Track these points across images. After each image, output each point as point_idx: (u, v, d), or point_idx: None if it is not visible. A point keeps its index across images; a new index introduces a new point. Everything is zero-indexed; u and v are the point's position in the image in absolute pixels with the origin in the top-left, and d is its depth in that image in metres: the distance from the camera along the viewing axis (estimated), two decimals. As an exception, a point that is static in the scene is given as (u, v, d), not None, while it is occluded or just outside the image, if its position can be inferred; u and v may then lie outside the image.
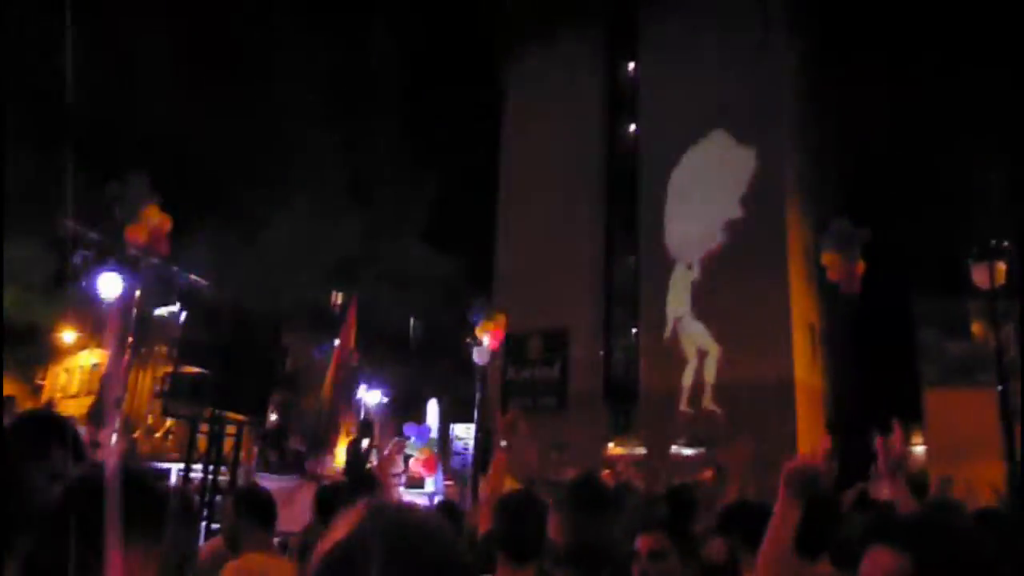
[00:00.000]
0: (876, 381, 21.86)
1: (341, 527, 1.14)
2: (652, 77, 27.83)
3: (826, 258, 12.74)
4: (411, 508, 1.24)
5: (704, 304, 24.72)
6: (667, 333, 25.21)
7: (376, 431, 16.68)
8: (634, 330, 26.66)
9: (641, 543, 3.00)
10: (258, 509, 4.12)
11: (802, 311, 24.01)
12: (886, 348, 21.77)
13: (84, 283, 12.93)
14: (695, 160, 26.10)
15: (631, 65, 29.10)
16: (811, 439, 22.52)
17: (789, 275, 23.68)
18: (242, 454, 9.70)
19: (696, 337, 24.64)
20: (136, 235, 10.03)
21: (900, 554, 1.46)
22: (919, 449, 22.20)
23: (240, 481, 9.29)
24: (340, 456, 13.24)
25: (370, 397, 18.08)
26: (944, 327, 20.17)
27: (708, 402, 23.80)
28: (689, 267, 25.41)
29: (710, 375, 24.20)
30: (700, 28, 25.79)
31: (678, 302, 25.32)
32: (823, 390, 24.74)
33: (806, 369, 23.82)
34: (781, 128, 24.77)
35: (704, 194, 25.36)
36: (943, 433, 18.52)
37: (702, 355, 24.51)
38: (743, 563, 3.45)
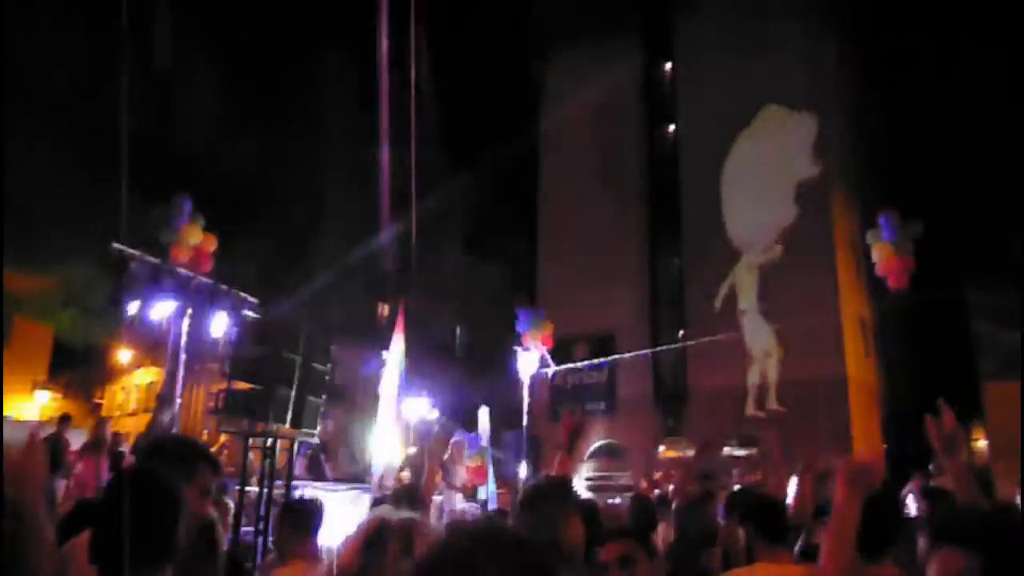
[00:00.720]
0: (931, 376, 21.40)
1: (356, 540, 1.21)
2: (690, 75, 27.67)
3: (876, 252, 12.54)
4: (495, 520, 1.29)
5: (761, 303, 24.50)
6: (727, 332, 24.92)
7: (427, 440, 16.78)
8: (680, 331, 26.46)
9: (607, 552, 2.98)
10: (299, 519, 4.26)
11: (852, 306, 23.62)
12: (940, 341, 21.34)
13: (138, 304, 13.22)
14: (747, 149, 25.84)
15: (668, 65, 28.96)
16: (865, 437, 22.14)
17: (838, 269, 23.34)
18: (295, 468, 9.85)
19: (761, 336, 24.36)
20: (180, 254, 10.25)
21: (970, 555, 1.46)
22: (981, 444, 21.65)
23: (294, 494, 9.44)
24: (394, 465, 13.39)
25: (418, 407, 18.20)
26: (1000, 318, 19.68)
27: (773, 402, 23.50)
28: (753, 263, 25.14)
29: (772, 375, 23.91)
30: (736, 23, 25.59)
31: (746, 299, 25.04)
32: (877, 386, 24.28)
33: (859, 365, 23.41)
34: (823, 120, 24.43)
35: (758, 189, 25.13)
36: (1005, 427, 18.05)
37: (763, 355, 24.24)
38: (757, 551, 3.48)
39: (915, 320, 20.10)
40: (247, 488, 9.08)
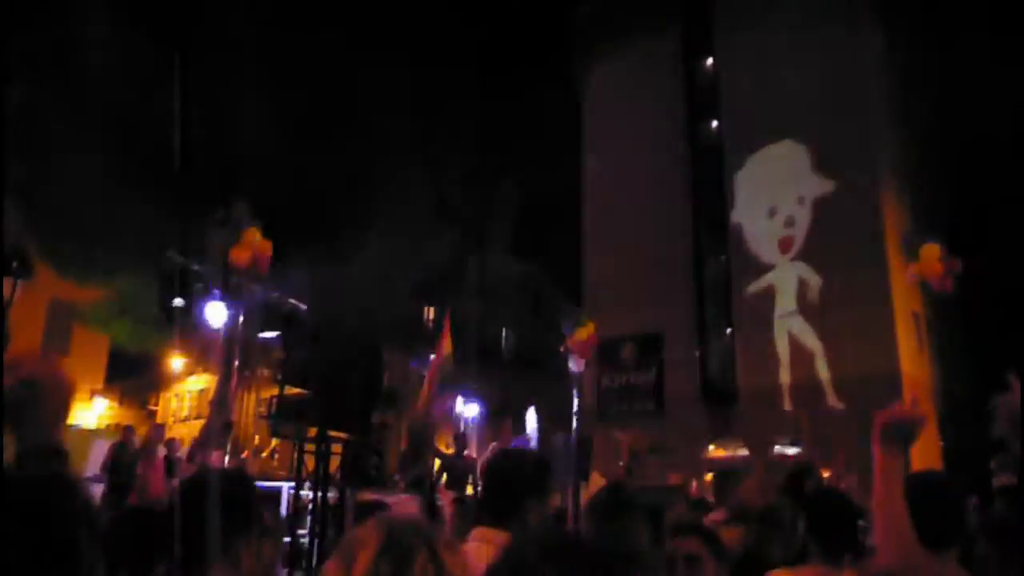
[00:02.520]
0: (987, 370, 20.81)
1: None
2: (731, 70, 27.39)
3: (923, 255, 12.24)
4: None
5: (805, 299, 24.19)
6: (772, 331, 24.64)
7: (473, 444, 16.84)
8: (728, 329, 26.18)
9: (674, 546, 2.91)
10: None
11: (904, 299, 23.13)
12: (997, 335, 20.80)
13: (191, 313, 13.47)
14: (773, 153, 25.69)
15: (709, 60, 28.70)
16: (923, 436, 21.66)
17: (888, 263, 22.89)
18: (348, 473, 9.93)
19: (803, 335, 24.04)
20: (239, 257, 10.38)
21: None
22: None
23: (347, 498, 9.52)
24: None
25: (467, 410, 18.32)
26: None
27: (832, 400, 23.12)
28: (791, 259, 24.87)
29: (823, 372, 23.53)
30: (778, 16, 25.27)
31: (786, 301, 24.74)
32: (932, 382, 23.74)
33: (912, 361, 22.92)
34: (870, 114, 23.99)
35: (790, 185, 24.89)
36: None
37: (809, 354, 23.88)
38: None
39: (970, 313, 19.63)
40: (300, 492, 9.20)
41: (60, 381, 1.90)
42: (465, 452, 13.18)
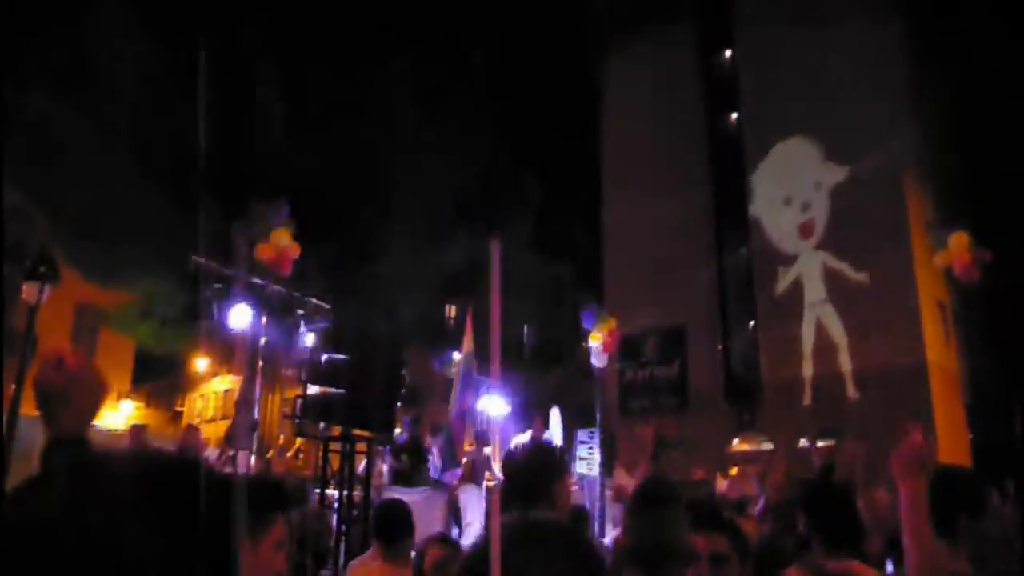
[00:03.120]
0: (1016, 361, 20.60)
1: None
2: (750, 61, 27.21)
3: (951, 244, 12.14)
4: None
5: (830, 289, 24.02)
6: (802, 323, 24.46)
7: (497, 440, 16.85)
8: (751, 323, 26.03)
9: (699, 544, 2.90)
10: (382, 522, 4.44)
11: (929, 288, 22.90)
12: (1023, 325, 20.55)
13: (216, 315, 13.58)
14: (791, 144, 25.53)
15: (727, 51, 28.52)
16: (950, 426, 21.44)
17: (912, 251, 22.66)
18: (374, 470, 10.00)
19: (831, 325, 23.86)
20: (265, 253, 10.45)
21: None
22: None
23: (373, 496, 9.59)
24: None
25: (492, 407, 18.31)
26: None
27: (851, 391, 22.95)
28: (816, 248, 24.73)
29: (846, 364, 23.35)
30: (797, 5, 25.03)
31: (814, 290, 24.57)
32: (959, 372, 23.50)
33: (939, 351, 22.70)
34: (891, 101, 23.72)
35: (807, 174, 24.75)
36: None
37: (833, 345, 23.69)
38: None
39: (998, 303, 19.37)
40: (326, 491, 9.28)
41: (95, 376, 1.94)
42: (487, 449, 13.22)
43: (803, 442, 21.80)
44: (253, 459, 12.40)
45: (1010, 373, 21.45)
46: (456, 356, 12.62)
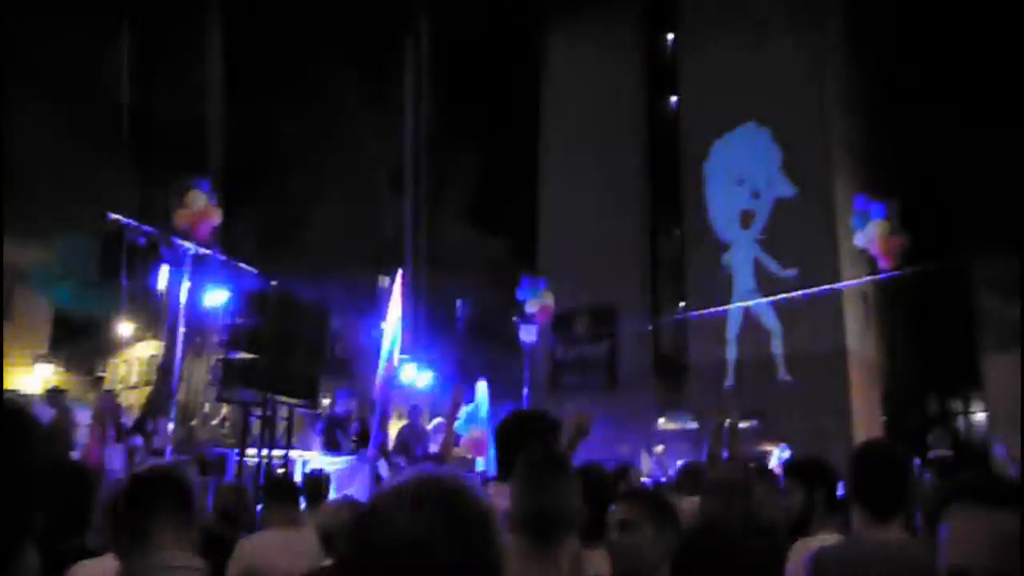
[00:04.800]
0: (932, 349, 21.44)
1: None
2: (691, 47, 27.38)
3: (867, 232, 12.49)
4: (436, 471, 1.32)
5: (760, 277, 24.43)
6: (729, 308, 24.82)
7: (426, 412, 16.83)
8: (681, 304, 26.41)
9: (614, 512, 2.94)
10: (280, 490, 4.50)
11: (853, 277, 23.53)
12: (943, 315, 21.32)
13: (138, 277, 13.21)
14: (732, 140, 25.80)
15: (670, 36, 28.66)
16: (866, 410, 22.16)
17: (837, 241, 23.22)
18: (295, 438, 9.87)
19: (760, 314, 24.28)
20: (184, 220, 10.22)
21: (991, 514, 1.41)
22: (980, 416, 21.68)
23: (295, 463, 9.46)
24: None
25: (420, 380, 18.28)
26: (1004, 291, 19.62)
27: (778, 375, 23.44)
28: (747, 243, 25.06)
29: (771, 349, 23.82)
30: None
31: (745, 278, 24.92)
32: (878, 361, 24.26)
33: (858, 338, 23.37)
34: (825, 93, 24.18)
35: (745, 168, 25.09)
36: (1004, 399, 18.06)
37: (762, 331, 24.13)
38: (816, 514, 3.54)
39: (917, 293, 20.03)
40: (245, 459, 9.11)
41: None
42: (417, 420, 13.18)
43: (728, 422, 22.28)
44: (171, 427, 12.14)
45: (923, 362, 22.28)
46: (384, 324, 12.48)
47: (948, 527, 1.46)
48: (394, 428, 13.27)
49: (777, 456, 13.15)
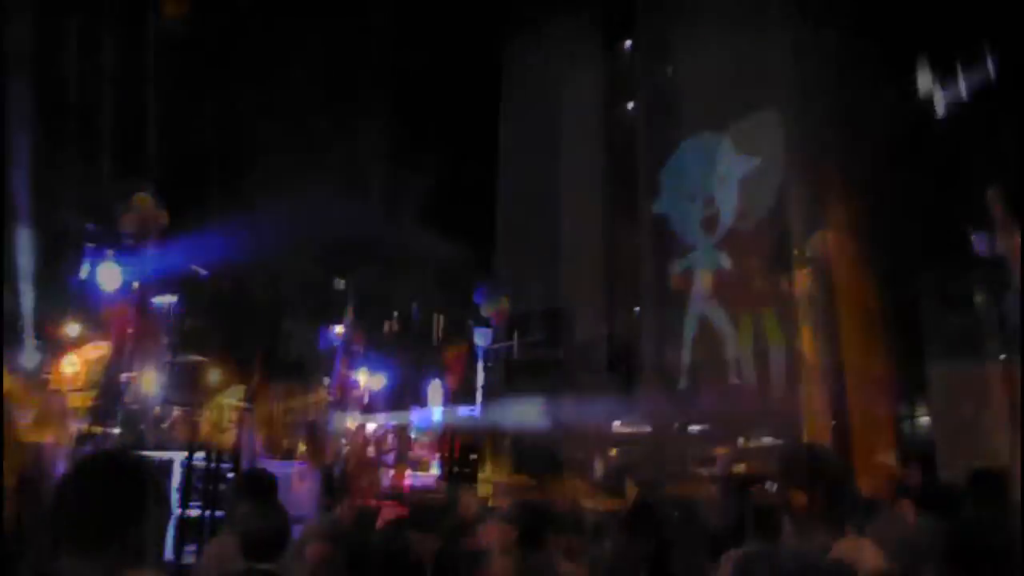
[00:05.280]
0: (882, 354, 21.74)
1: None
2: (650, 53, 27.58)
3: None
4: None
5: (717, 282, 24.64)
6: (686, 312, 24.95)
7: (381, 416, 16.78)
8: (636, 308, 26.57)
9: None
10: (251, 489, 4.31)
11: (803, 283, 23.88)
12: (889, 323, 21.69)
13: (85, 276, 12.97)
14: (696, 138, 25.98)
15: (628, 42, 28.85)
16: (817, 419, 22.49)
17: (792, 247, 23.54)
18: (243, 440, 9.75)
19: (715, 319, 24.48)
20: (130, 221, 10.05)
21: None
22: (925, 419, 22.09)
23: (244, 466, 9.33)
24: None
25: (373, 382, 18.14)
26: (947, 299, 20.00)
27: (730, 379, 23.61)
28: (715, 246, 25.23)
29: (725, 353, 24.02)
30: (700, 3, 25.49)
31: (703, 283, 25.06)
32: (822, 364, 24.61)
33: (808, 342, 23.71)
34: (781, 98, 24.49)
35: (703, 174, 25.34)
36: (950, 409, 18.36)
37: (716, 335, 24.33)
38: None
39: (858, 297, 20.34)
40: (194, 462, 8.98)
41: None
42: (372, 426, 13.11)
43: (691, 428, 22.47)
44: (118, 430, 11.93)
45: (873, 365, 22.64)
46: (339, 329, 12.42)
47: None
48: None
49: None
